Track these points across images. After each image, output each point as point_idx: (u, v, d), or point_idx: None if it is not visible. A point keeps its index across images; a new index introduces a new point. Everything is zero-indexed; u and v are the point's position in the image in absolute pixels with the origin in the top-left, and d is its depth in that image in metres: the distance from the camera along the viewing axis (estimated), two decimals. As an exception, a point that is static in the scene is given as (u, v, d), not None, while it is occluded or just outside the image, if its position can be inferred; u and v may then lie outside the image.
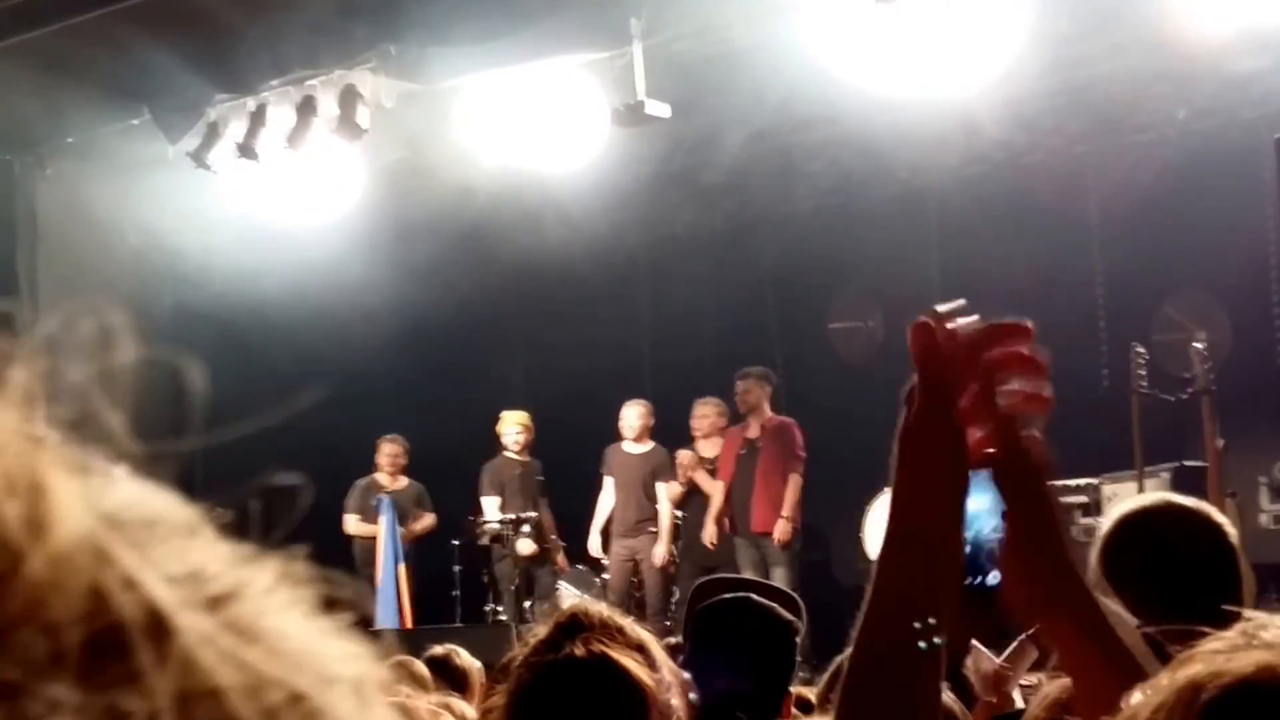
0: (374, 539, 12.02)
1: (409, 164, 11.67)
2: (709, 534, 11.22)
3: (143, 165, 12.17)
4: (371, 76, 11.27)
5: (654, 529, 11.48)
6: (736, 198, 11.69)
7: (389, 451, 12.43)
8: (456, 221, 11.75)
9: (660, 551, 11.40)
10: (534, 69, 10.77)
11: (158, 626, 0.53)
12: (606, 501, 11.72)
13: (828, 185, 11.42)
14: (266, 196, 12.10)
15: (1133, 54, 10.04)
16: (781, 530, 10.88)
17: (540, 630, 2.32)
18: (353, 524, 12.32)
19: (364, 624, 0.65)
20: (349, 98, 11.21)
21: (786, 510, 10.87)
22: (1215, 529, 3.46)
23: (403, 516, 12.10)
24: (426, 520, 12.41)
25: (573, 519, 12.12)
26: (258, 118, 11.56)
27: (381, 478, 12.46)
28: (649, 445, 11.61)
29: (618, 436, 11.69)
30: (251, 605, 0.56)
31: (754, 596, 3.80)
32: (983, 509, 1.56)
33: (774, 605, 3.75)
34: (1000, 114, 10.32)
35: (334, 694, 0.56)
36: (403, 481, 12.36)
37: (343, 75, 11.28)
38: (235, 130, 11.63)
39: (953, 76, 9.73)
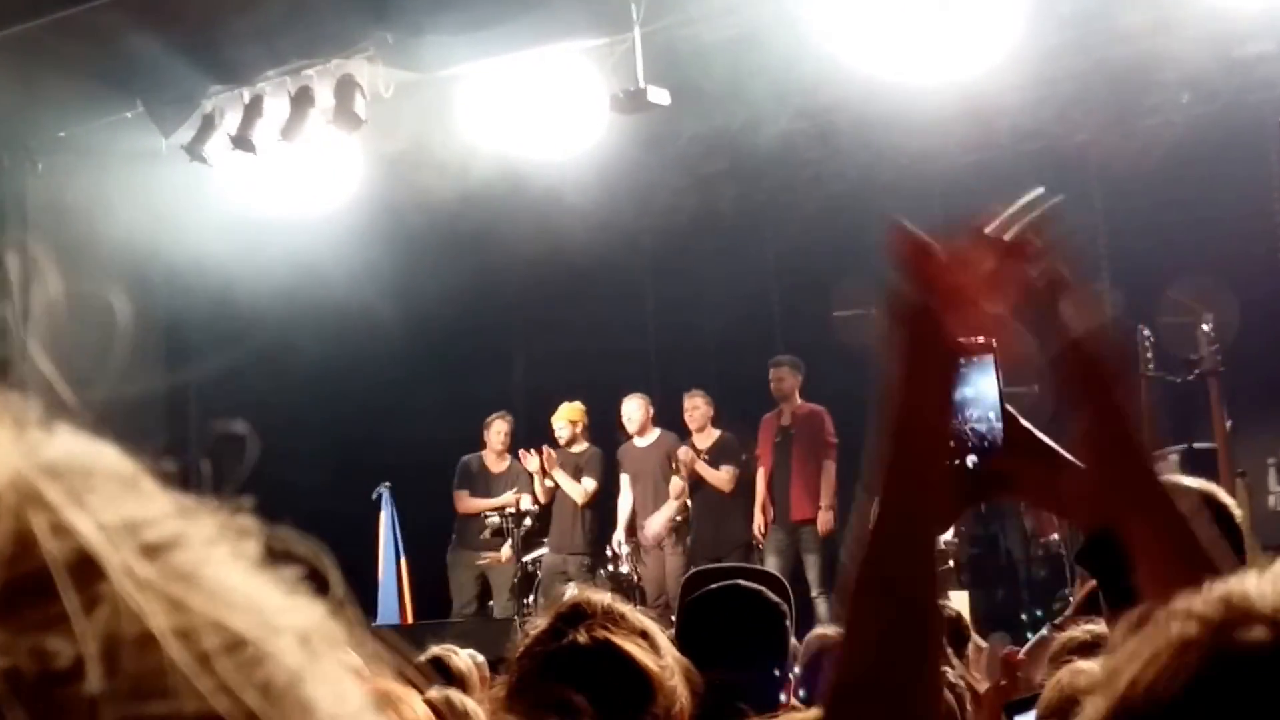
0: (480, 514, 11.79)
1: (408, 154, 11.56)
2: (758, 524, 11.18)
3: (137, 159, 12.04)
4: (369, 66, 11.16)
5: (678, 518, 11.39)
6: (739, 185, 11.62)
7: (499, 429, 12.07)
8: (456, 211, 11.66)
9: (658, 520, 11.32)
10: (533, 56, 10.69)
11: (87, 570, 0.53)
12: (625, 501, 11.63)
13: (831, 171, 11.36)
14: (263, 189, 11.99)
15: (1137, 39, 10.00)
16: (825, 521, 10.90)
17: (542, 620, 2.30)
18: (464, 500, 12.09)
19: (319, 581, 0.64)
20: (346, 87, 11.09)
21: (826, 500, 10.90)
22: (1221, 509, 3.37)
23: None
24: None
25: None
26: (253, 109, 11.44)
27: (489, 456, 12.15)
28: (655, 434, 11.54)
29: (625, 433, 11.62)
30: (192, 554, 0.56)
31: (741, 583, 3.79)
32: (964, 394, 1.61)
33: (761, 589, 3.74)
34: (1005, 99, 10.28)
35: (277, 646, 0.56)
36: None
37: (339, 64, 11.17)
38: (230, 122, 11.51)
39: (956, 61, 9.69)
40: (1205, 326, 9.04)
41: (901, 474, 1.53)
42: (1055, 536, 10.38)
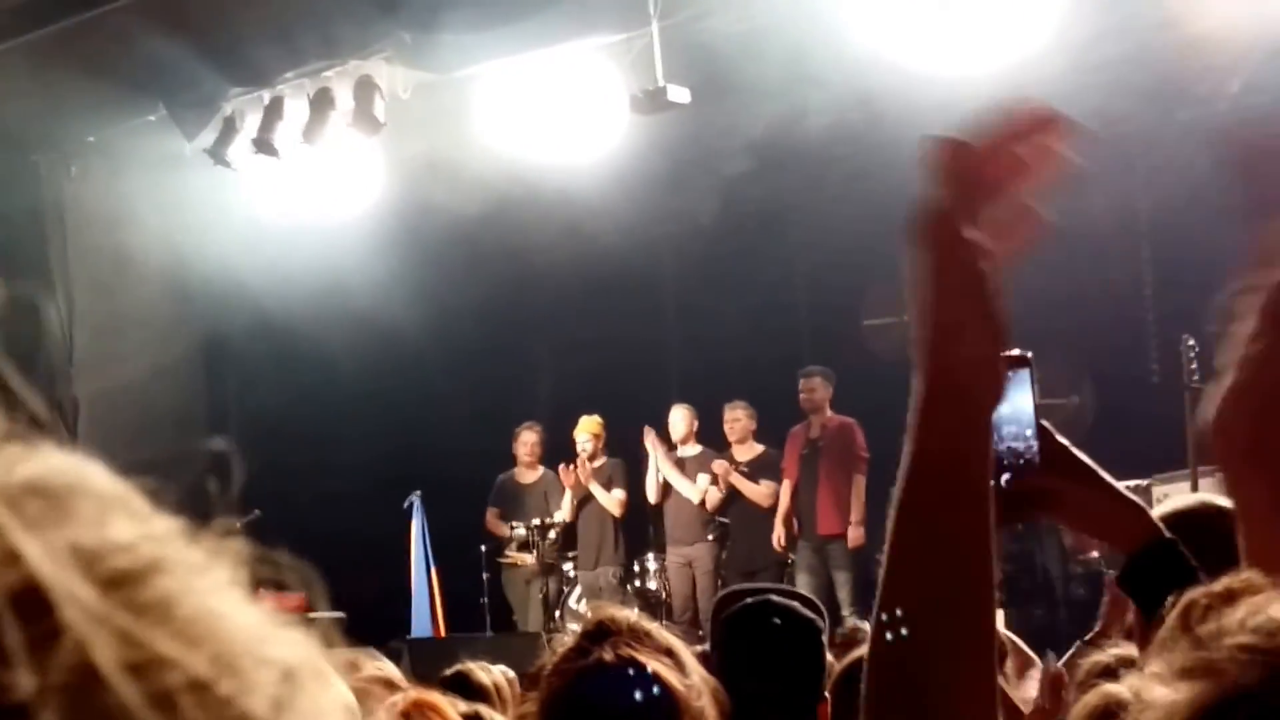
0: (501, 537, 11.63)
1: (427, 158, 11.32)
2: (778, 536, 10.90)
3: (162, 162, 11.97)
4: (387, 66, 10.97)
5: (710, 536, 11.11)
6: (763, 186, 11.16)
7: (526, 440, 11.86)
8: (477, 217, 11.38)
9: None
10: (550, 55, 10.43)
11: (35, 602, 0.51)
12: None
13: (858, 170, 10.86)
14: (289, 194, 11.87)
15: (1184, 23, 9.40)
16: (855, 536, 10.64)
17: (569, 638, 2.30)
18: (491, 520, 11.90)
19: (310, 608, 0.63)
20: (365, 89, 10.91)
21: (856, 514, 10.62)
22: None
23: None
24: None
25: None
26: (273, 111, 11.28)
27: (520, 470, 11.94)
28: (698, 448, 11.22)
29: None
30: (170, 582, 0.54)
31: (773, 598, 3.80)
32: (999, 411, 1.51)
33: (794, 604, 3.76)
34: (1044, 89, 9.67)
35: (253, 682, 0.53)
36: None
37: (358, 65, 11.00)
38: (251, 125, 11.38)
39: (992, 50, 9.24)
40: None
41: (942, 406, 1.40)
42: (1095, 554, 9.86)
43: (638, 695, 2.15)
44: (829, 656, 3.84)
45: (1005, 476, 1.60)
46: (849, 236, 10.84)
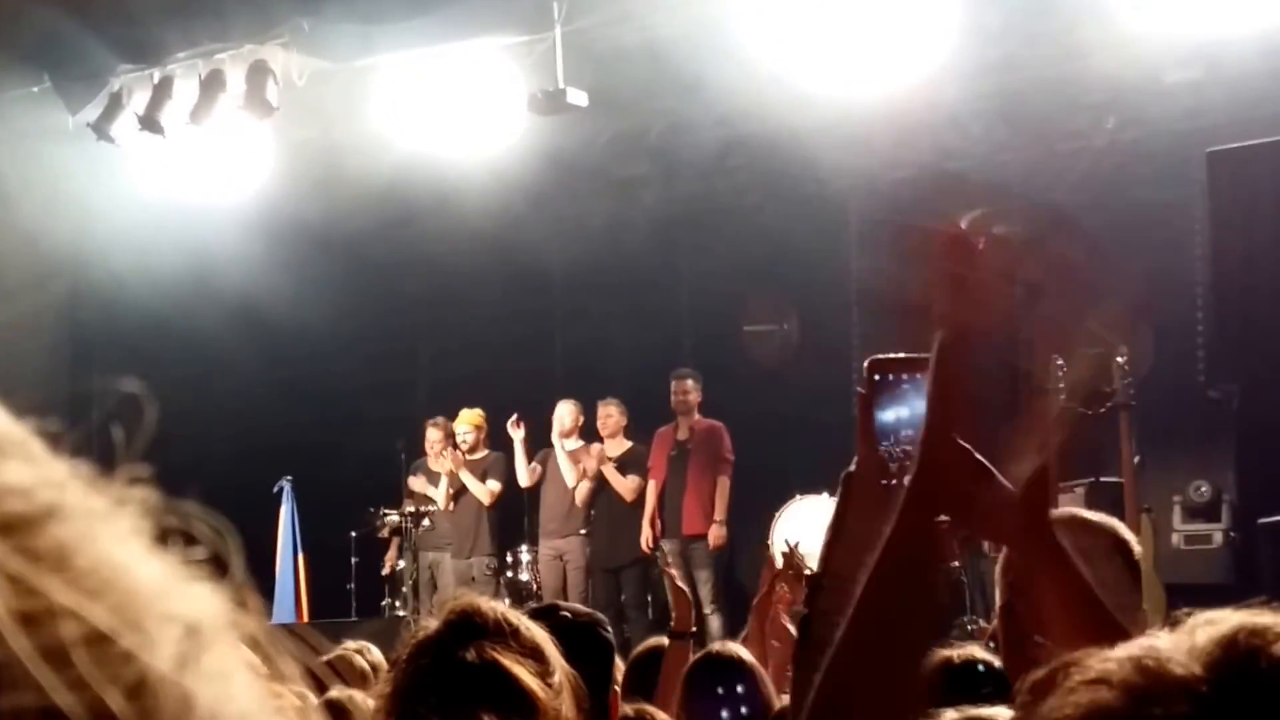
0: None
1: (318, 145, 11.31)
2: (645, 537, 11.04)
3: (42, 134, 11.74)
4: (283, 53, 10.92)
5: (583, 531, 11.28)
6: (654, 192, 11.41)
7: (430, 436, 11.73)
8: (366, 205, 11.43)
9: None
10: (451, 51, 10.48)
11: None
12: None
13: (747, 182, 11.16)
14: (171, 172, 11.76)
15: (1066, 60, 9.86)
16: (716, 535, 10.83)
17: (431, 624, 2.20)
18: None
19: (221, 564, 0.59)
20: (258, 73, 10.86)
21: (719, 515, 10.82)
22: (1126, 549, 3.31)
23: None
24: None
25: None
26: (162, 90, 11.18)
27: (432, 463, 11.82)
28: (580, 443, 11.42)
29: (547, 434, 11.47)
30: (69, 529, 0.51)
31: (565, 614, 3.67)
32: (900, 414, 1.66)
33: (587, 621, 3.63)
34: (930, 115, 10.11)
35: (155, 637, 0.50)
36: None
37: (253, 50, 10.93)
38: (138, 102, 11.25)
39: (883, 75, 9.53)
40: (1119, 359, 8.89)
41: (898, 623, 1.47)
42: (955, 564, 10.24)
43: (496, 699, 2.09)
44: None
45: (897, 477, 1.63)
46: (733, 244, 11.14)
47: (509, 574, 11.33)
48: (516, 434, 11.32)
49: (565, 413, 11.38)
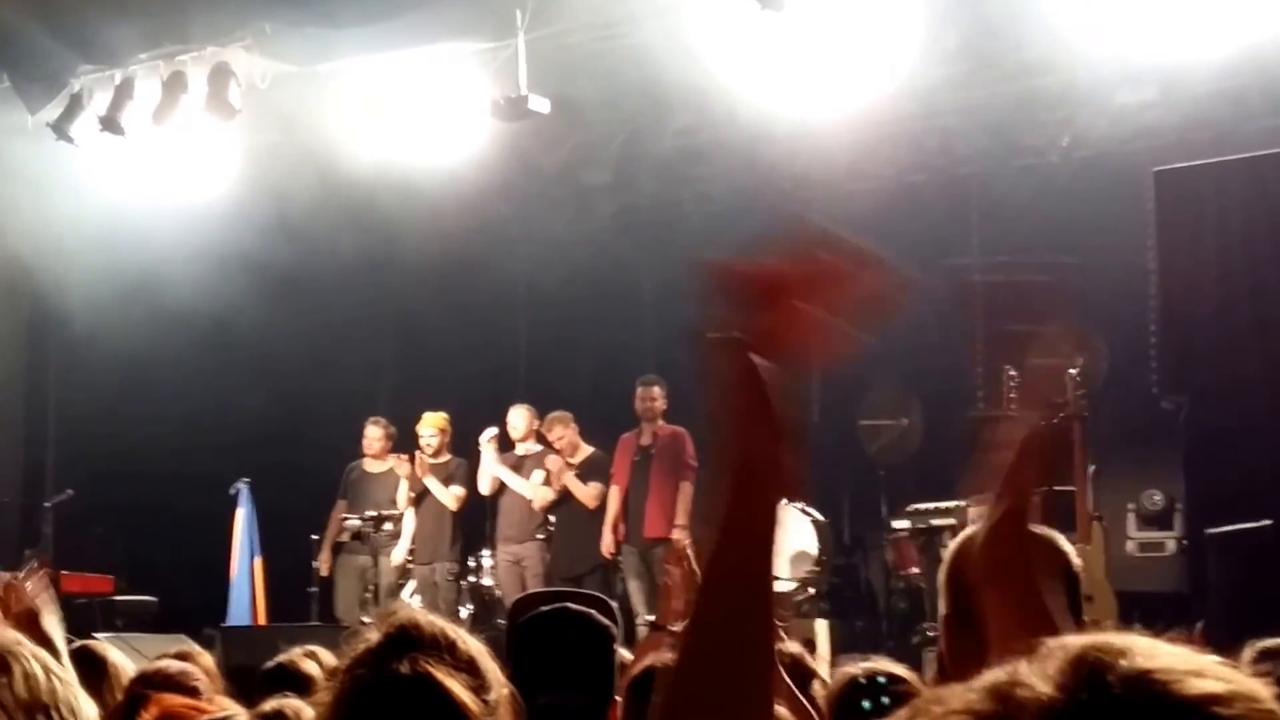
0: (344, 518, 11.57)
1: (281, 148, 11.32)
2: (606, 543, 11.05)
3: (1, 132, 11.69)
4: (246, 55, 10.92)
5: (540, 536, 11.27)
6: (616, 199, 11.46)
7: (370, 434, 11.70)
8: (328, 209, 11.43)
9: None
10: (415, 56, 10.52)
11: None
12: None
13: (708, 191, 11.24)
14: (132, 173, 11.73)
15: (1023, 78, 9.99)
16: (679, 540, 10.76)
17: (371, 636, 2.19)
18: (338, 509, 11.74)
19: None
20: (220, 76, 10.86)
21: (681, 519, 10.79)
22: (1067, 563, 3.37)
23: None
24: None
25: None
26: (123, 91, 11.17)
27: (368, 461, 11.78)
28: (537, 448, 11.39)
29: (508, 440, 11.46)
30: None
31: (570, 606, 3.82)
32: None
33: (590, 612, 3.79)
34: (890, 129, 10.22)
35: None
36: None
37: (215, 52, 10.93)
38: (99, 103, 11.24)
39: (844, 90, 9.62)
40: (1072, 370, 9.01)
41: (743, 513, 1.49)
42: (915, 570, 10.37)
43: (427, 711, 2.10)
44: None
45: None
46: (695, 251, 11.19)
47: (471, 579, 11.32)
48: (488, 449, 11.29)
49: (519, 418, 11.38)
